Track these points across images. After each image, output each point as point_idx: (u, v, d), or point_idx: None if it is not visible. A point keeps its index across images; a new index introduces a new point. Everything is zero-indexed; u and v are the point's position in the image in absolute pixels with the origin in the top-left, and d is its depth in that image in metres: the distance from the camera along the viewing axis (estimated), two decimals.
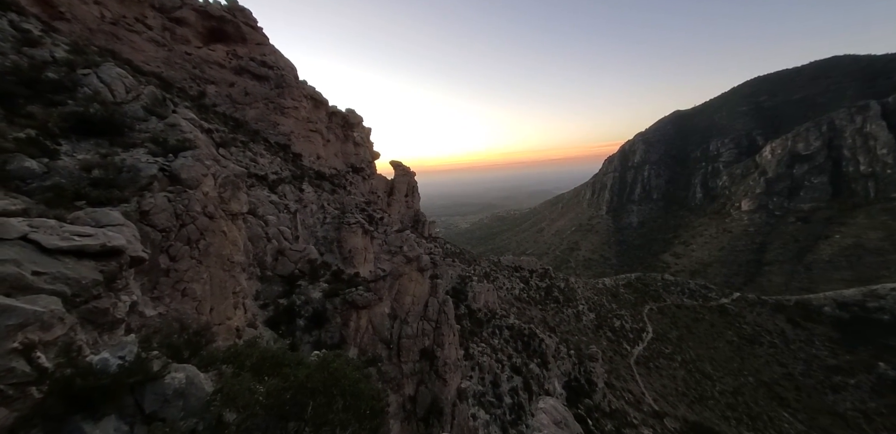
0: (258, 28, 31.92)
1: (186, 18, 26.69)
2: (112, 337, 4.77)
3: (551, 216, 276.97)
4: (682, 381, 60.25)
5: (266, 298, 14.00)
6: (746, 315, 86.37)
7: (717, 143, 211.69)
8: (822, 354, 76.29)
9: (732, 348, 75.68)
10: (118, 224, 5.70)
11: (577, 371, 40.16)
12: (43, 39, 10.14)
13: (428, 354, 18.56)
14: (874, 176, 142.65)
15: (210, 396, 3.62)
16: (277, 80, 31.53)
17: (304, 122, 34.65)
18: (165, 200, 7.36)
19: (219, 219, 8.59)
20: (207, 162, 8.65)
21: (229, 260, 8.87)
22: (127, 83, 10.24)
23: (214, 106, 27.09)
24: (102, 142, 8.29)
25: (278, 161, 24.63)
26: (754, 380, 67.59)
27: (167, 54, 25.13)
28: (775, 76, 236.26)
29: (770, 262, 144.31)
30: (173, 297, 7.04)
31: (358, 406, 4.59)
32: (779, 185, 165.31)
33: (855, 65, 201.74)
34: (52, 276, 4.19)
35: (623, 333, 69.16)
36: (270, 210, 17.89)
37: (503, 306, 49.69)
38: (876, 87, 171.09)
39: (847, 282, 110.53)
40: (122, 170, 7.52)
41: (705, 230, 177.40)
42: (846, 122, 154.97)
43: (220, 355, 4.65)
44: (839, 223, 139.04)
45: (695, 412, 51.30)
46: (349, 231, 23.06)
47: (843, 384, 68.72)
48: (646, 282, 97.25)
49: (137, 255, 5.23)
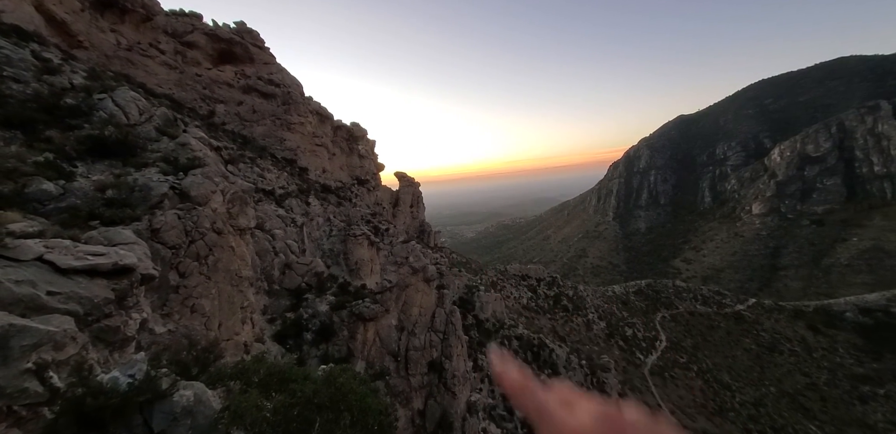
0: (265, 48, 33.08)
1: (197, 42, 27.82)
2: (122, 355, 4.85)
3: (557, 223, 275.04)
4: (699, 391, 58.12)
5: (273, 312, 14.05)
6: (764, 322, 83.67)
7: (724, 147, 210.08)
8: (848, 363, 73.17)
9: (751, 357, 73.11)
10: (130, 242, 5.87)
11: (589, 382, 39.07)
12: (62, 67, 10.66)
13: (436, 367, 18.30)
14: (889, 176, 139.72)
15: (218, 414, 3.65)
16: (284, 97, 32.43)
17: (309, 137, 35.40)
18: (175, 217, 7.55)
19: (227, 234, 8.76)
20: (216, 179, 8.88)
21: (237, 275, 8.98)
22: (140, 105, 10.66)
23: (223, 124, 27.89)
24: (116, 162, 8.59)
25: (285, 175, 25.09)
26: (776, 390, 64.96)
27: (179, 76, 26.12)
28: (780, 79, 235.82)
29: (785, 266, 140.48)
30: (182, 313, 7.14)
31: (366, 421, 4.56)
32: (790, 187, 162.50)
33: (863, 65, 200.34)
34: (66, 296, 4.32)
35: (635, 342, 67.36)
36: (277, 224, 18.14)
37: (511, 316, 48.96)
38: (885, 87, 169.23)
39: (868, 286, 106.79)
40: (135, 189, 7.77)
41: (716, 235, 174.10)
42: (856, 122, 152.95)
43: (228, 372, 4.69)
44: (856, 225, 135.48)
45: (715, 425, 49.27)
46: (355, 243, 23.20)
47: (872, 394, 65.59)
48: (657, 288, 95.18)
49: (148, 273, 5.35)
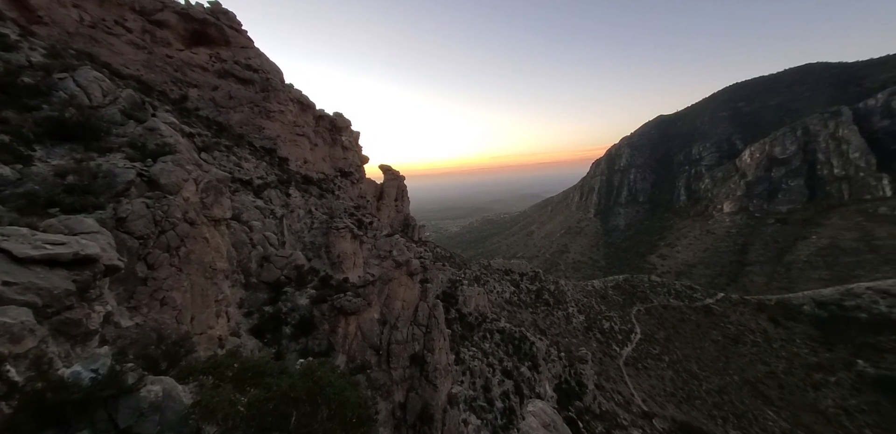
0: (243, 31, 31.62)
1: (167, 21, 26.27)
2: (85, 349, 4.61)
3: (541, 219, 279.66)
4: (669, 381, 61.09)
5: (251, 306, 13.70)
6: (730, 315, 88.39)
7: (700, 147, 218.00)
8: (803, 352, 78.47)
9: (718, 348, 77.23)
10: (93, 231, 5.54)
11: (567, 373, 40.34)
12: (20, 44, 9.87)
13: (418, 360, 18.38)
14: (847, 178, 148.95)
15: (188, 409, 3.53)
16: (263, 84, 31.22)
17: (290, 126, 34.32)
18: (143, 206, 7.17)
19: (200, 225, 8.42)
20: (188, 167, 8.49)
21: (211, 267, 8.67)
22: (104, 87, 10.01)
23: (197, 110, 26.63)
24: (77, 147, 8.06)
25: (264, 165, 24.30)
26: (739, 378, 69.01)
27: (147, 57, 24.65)
28: (753, 82, 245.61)
29: (751, 262, 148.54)
30: (151, 306, 6.84)
31: (344, 414, 4.52)
32: (758, 187, 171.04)
33: (827, 72, 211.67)
34: (24, 287, 4.05)
35: (612, 335, 69.90)
36: (255, 215, 17.59)
37: (494, 310, 49.71)
38: (847, 94, 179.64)
39: (825, 281, 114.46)
40: (98, 175, 7.32)
41: (689, 232, 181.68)
42: (820, 127, 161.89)
43: (200, 366, 4.53)
44: (815, 224, 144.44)
45: (683, 412, 52.01)
46: (338, 236, 22.83)
47: (824, 382, 70.67)
48: (633, 283, 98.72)
49: (112, 264, 5.08)
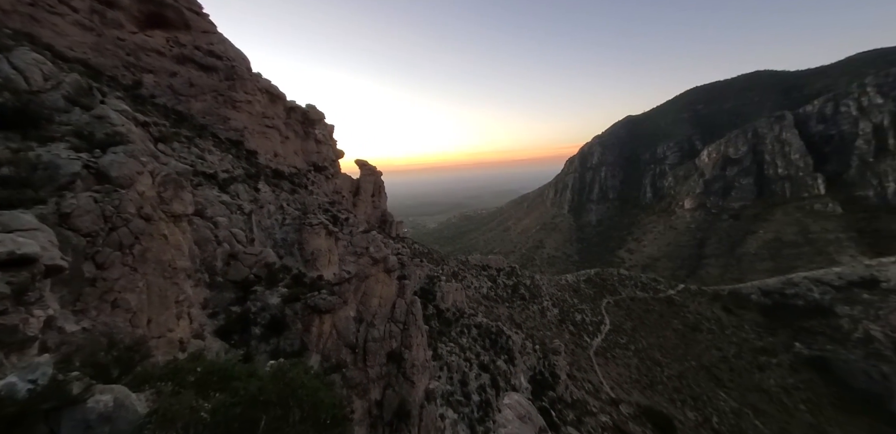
0: (203, 14, 29.61)
1: (119, 1, 24.09)
2: (22, 357, 4.16)
3: (517, 215, 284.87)
4: (635, 368, 64.53)
5: (216, 306, 12.99)
6: (690, 305, 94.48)
7: (664, 147, 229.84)
8: (751, 337, 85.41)
9: (678, 336, 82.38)
10: (31, 228, 4.99)
11: (541, 365, 41.56)
12: None
13: (395, 357, 18.22)
14: (790, 177, 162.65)
15: (144, 418, 3.26)
16: (227, 72, 29.46)
17: (258, 117, 32.70)
18: (91, 201, 6.55)
19: (158, 221, 7.82)
20: (143, 158, 7.84)
21: (171, 266, 8.10)
22: (45, 70, 9.04)
23: (153, 97, 24.75)
24: (14, 135, 7.23)
25: (230, 158, 23.02)
26: (696, 364, 74.04)
27: (96, 39, 22.54)
28: (710, 86, 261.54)
29: (708, 255, 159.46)
30: (101, 309, 6.28)
31: (317, 416, 4.36)
32: (714, 185, 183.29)
33: (773, 79, 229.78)
34: None
35: (584, 326, 72.71)
36: (221, 211, 16.65)
37: (471, 305, 50.24)
38: (790, 100, 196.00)
39: (769, 272, 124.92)
40: (38, 167, 6.61)
41: (654, 227, 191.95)
42: (767, 130, 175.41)
43: (158, 372, 4.21)
44: (763, 220, 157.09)
45: (646, 397, 55.16)
46: (311, 232, 22.10)
47: (768, 363, 77.43)
48: (604, 277, 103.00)
49: (54, 264, 4.61)
